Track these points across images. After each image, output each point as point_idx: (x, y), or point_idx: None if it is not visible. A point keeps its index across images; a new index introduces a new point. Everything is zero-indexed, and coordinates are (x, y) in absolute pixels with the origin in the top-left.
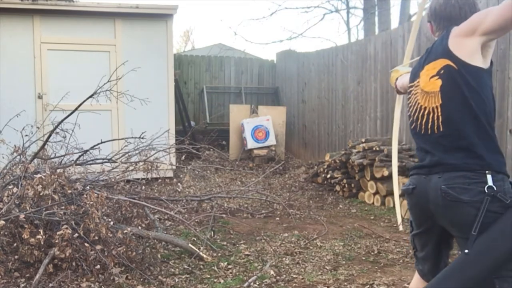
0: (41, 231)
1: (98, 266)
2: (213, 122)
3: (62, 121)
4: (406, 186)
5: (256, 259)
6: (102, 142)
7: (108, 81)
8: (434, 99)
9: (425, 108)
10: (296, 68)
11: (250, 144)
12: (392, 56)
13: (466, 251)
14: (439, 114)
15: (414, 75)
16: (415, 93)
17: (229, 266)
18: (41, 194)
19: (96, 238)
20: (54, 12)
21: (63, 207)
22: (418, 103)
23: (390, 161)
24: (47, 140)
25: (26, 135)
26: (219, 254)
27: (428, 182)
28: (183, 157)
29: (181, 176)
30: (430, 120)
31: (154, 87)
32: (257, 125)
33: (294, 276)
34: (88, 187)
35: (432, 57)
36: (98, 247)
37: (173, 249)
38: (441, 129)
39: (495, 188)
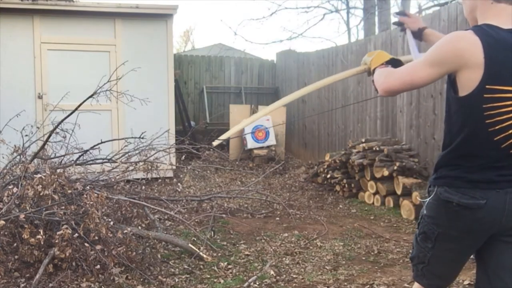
0: (41, 231)
1: (98, 266)
2: (213, 122)
3: (62, 121)
4: (473, 200)
5: (256, 259)
6: (102, 142)
7: (108, 81)
8: None
9: None
10: (296, 68)
11: (250, 144)
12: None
13: None
14: None
15: None
16: None
17: (229, 266)
18: (41, 194)
19: (96, 238)
20: (54, 12)
21: (63, 207)
22: None
23: (390, 161)
24: (47, 140)
25: (26, 135)
26: (219, 254)
27: (504, 195)
28: (183, 157)
29: (181, 176)
30: None
31: (154, 87)
32: (257, 125)
33: (294, 276)
34: (88, 187)
35: None
36: (98, 247)
37: (173, 249)
38: None
39: None
